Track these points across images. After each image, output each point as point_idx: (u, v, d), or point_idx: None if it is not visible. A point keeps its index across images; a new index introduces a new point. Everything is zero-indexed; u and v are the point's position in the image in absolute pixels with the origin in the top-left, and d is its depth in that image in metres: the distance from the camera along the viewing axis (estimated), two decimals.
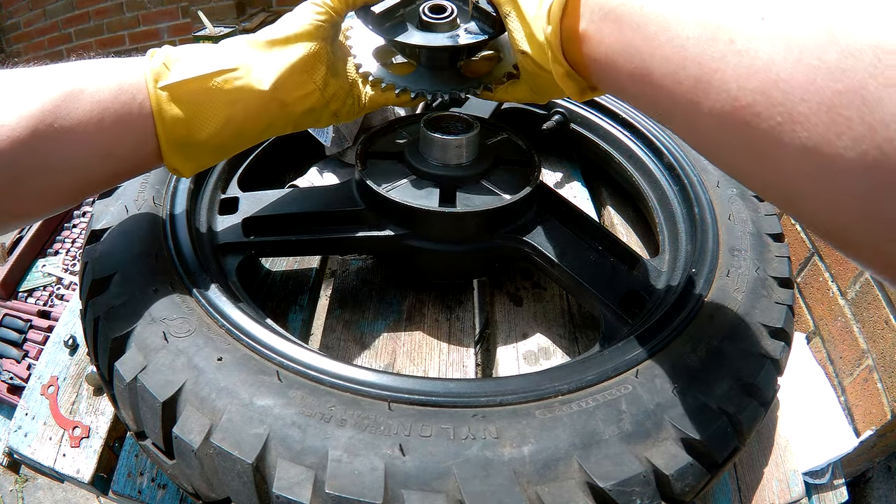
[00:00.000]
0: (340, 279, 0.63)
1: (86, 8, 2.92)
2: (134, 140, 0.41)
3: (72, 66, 0.40)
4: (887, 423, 0.70)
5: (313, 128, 0.49)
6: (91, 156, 0.40)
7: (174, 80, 0.40)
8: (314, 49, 0.44)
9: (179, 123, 0.41)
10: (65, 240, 1.44)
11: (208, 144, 0.43)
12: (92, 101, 0.38)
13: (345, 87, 0.49)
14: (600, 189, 0.79)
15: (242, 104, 0.42)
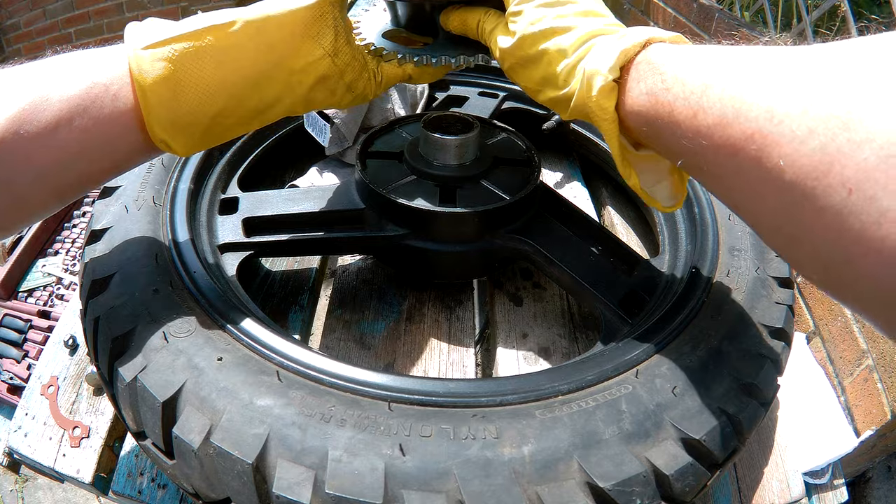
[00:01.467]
0: (340, 279, 0.63)
1: (86, 8, 2.92)
2: (109, 135, 0.37)
3: (42, 66, 0.37)
4: (887, 423, 0.70)
5: (331, 106, 0.46)
6: (62, 161, 0.37)
7: (157, 38, 0.36)
8: (318, 13, 0.40)
9: (163, 85, 0.36)
10: (65, 240, 1.44)
11: (202, 114, 0.38)
12: (60, 102, 0.35)
13: (359, 59, 0.44)
14: (600, 189, 0.79)
15: (236, 65, 0.38)
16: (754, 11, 1.34)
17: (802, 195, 0.25)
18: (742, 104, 0.28)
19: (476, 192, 0.53)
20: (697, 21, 1.43)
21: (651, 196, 0.41)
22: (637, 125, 0.36)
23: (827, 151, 0.23)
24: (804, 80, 0.26)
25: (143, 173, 0.54)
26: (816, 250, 0.26)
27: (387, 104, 0.72)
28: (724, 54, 0.31)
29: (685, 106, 0.31)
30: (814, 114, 0.24)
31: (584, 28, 0.38)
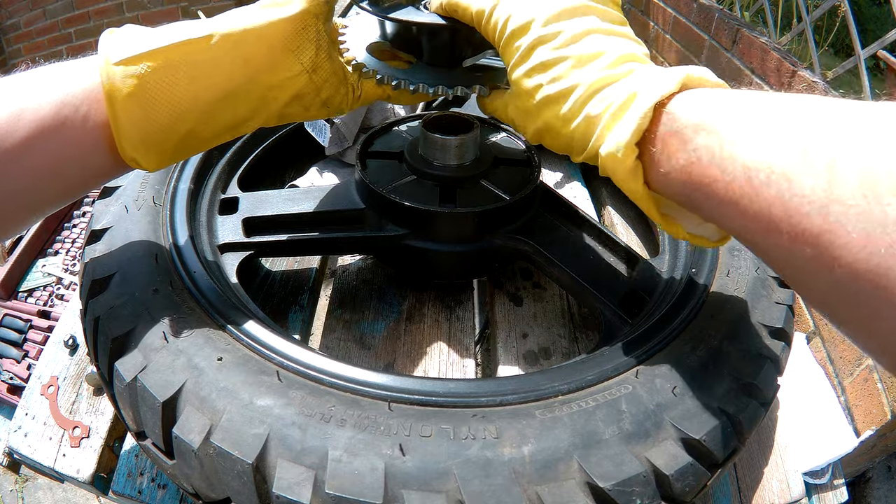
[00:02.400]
0: (340, 279, 0.63)
1: (86, 8, 2.92)
2: (79, 157, 0.37)
3: (17, 81, 0.36)
4: (887, 423, 0.70)
5: (304, 119, 0.45)
6: (37, 180, 0.36)
7: (130, 53, 0.35)
8: (300, 26, 0.39)
9: (134, 104, 0.35)
10: (65, 240, 1.44)
11: (173, 131, 0.37)
12: (32, 121, 0.35)
13: (339, 74, 0.43)
14: (600, 189, 0.79)
15: (210, 81, 0.37)
16: (754, 11, 1.34)
17: (858, 293, 0.24)
18: (792, 196, 0.25)
19: (476, 192, 0.53)
20: (697, 21, 1.43)
21: (699, 236, 0.38)
22: (670, 196, 0.34)
23: (885, 256, 0.22)
24: (858, 169, 0.23)
25: (143, 173, 0.54)
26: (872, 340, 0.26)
27: (387, 104, 0.72)
28: (764, 122, 0.28)
29: (727, 191, 0.29)
30: (872, 217, 0.23)
31: (584, 85, 0.36)
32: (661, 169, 0.33)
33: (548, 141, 0.41)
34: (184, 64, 0.36)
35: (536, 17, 0.37)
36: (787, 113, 0.28)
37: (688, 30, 1.48)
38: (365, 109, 0.70)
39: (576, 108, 0.36)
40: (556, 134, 0.39)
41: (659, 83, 0.33)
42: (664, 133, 0.32)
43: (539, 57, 0.37)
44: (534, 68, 0.37)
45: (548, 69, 0.37)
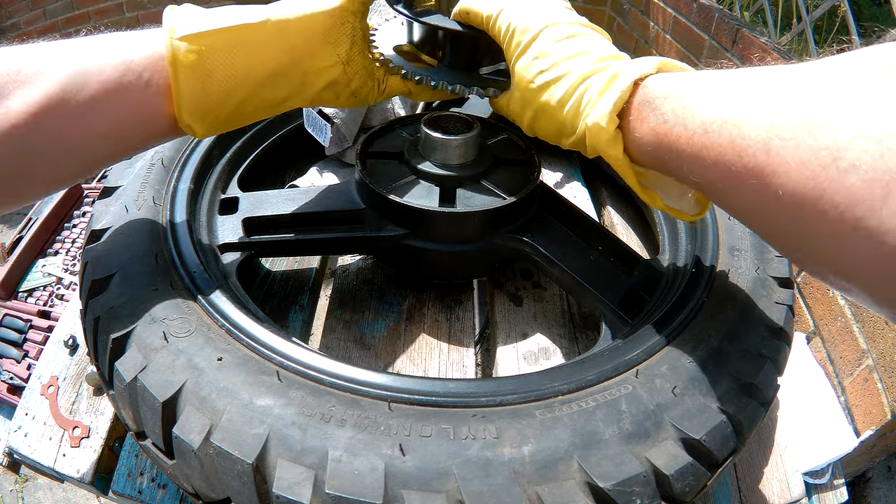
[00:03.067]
0: (340, 279, 0.63)
1: (86, 8, 2.93)
2: (139, 120, 0.40)
3: (80, 45, 0.39)
4: (887, 423, 0.70)
5: (334, 105, 0.50)
6: (95, 138, 0.40)
7: (194, 30, 0.39)
8: (339, 20, 0.44)
9: (194, 75, 0.40)
10: (65, 240, 1.44)
11: (226, 104, 0.42)
12: (97, 84, 0.38)
13: (368, 68, 0.48)
14: (600, 189, 0.79)
15: (261, 61, 0.42)
16: (754, 11, 1.34)
17: (801, 218, 0.27)
18: (741, 140, 0.30)
19: (476, 192, 0.53)
20: (697, 21, 1.43)
21: (678, 210, 0.42)
22: (647, 161, 0.38)
23: (818, 180, 0.26)
24: (794, 110, 0.28)
25: (143, 173, 0.55)
26: (818, 262, 0.29)
27: (387, 104, 0.71)
28: (719, 86, 0.33)
29: (688, 144, 0.33)
30: (805, 146, 0.26)
31: (575, 73, 0.41)
32: (635, 133, 0.37)
33: (542, 125, 0.46)
34: (240, 44, 0.41)
35: (535, 20, 0.44)
36: (739, 77, 0.33)
37: (688, 30, 1.48)
38: (365, 109, 0.70)
39: (569, 91, 0.41)
40: (551, 117, 0.44)
41: (639, 66, 0.38)
42: (639, 102, 0.37)
43: (537, 49, 0.43)
44: (534, 58, 0.43)
45: (544, 58, 0.43)
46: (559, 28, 0.43)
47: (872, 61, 0.26)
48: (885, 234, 0.24)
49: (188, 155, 0.58)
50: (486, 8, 0.47)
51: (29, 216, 1.48)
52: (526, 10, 0.45)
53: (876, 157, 0.24)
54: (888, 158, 0.23)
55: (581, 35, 0.43)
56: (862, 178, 0.24)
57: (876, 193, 0.24)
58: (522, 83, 0.44)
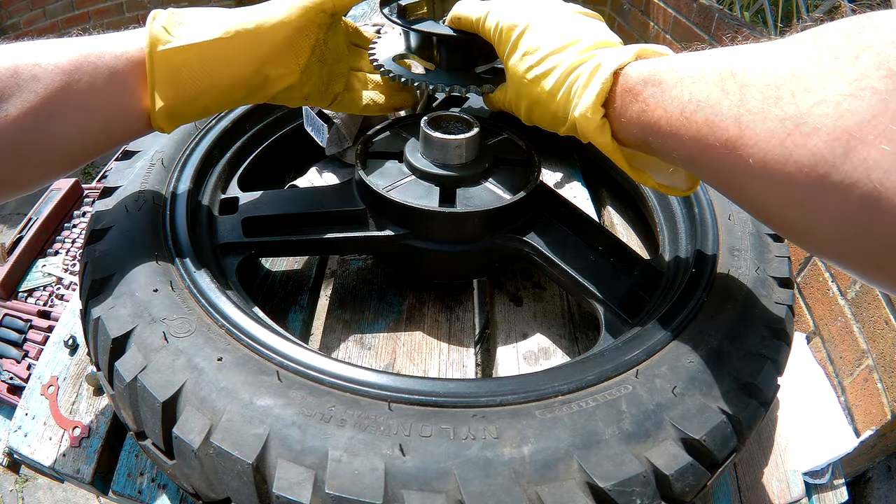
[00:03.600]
0: (340, 279, 0.63)
1: (86, 8, 2.92)
2: (124, 119, 0.45)
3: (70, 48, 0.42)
4: (887, 423, 0.70)
5: (287, 105, 0.54)
6: (86, 136, 0.44)
7: (172, 45, 0.43)
8: (305, 32, 0.48)
9: (170, 87, 0.44)
10: (65, 240, 1.44)
11: (192, 107, 0.46)
12: (87, 88, 0.42)
13: (322, 76, 0.52)
14: (600, 189, 0.79)
15: (230, 73, 0.46)
16: (754, 11, 1.34)
17: (771, 182, 0.30)
18: (714, 116, 0.32)
19: (476, 192, 0.53)
20: (697, 21, 1.43)
21: (670, 186, 0.45)
22: (633, 143, 0.41)
23: (785, 146, 0.28)
24: (761, 85, 0.30)
25: (143, 173, 0.55)
26: (791, 224, 0.31)
27: None
28: (693, 68, 0.35)
29: (668, 125, 0.36)
30: (772, 116, 0.29)
31: (562, 65, 0.43)
32: (622, 120, 0.39)
33: (536, 115, 0.48)
34: (212, 58, 0.45)
35: (521, 17, 0.46)
36: (711, 58, 0.35)
37: (688, 30, 1.48)
38: None
39: (558, 82, 0.43)
40: (544, 108, 0.46)
41: (618, 55, 0.40)
42: (621, 91, 0.39)
43: (526, 44, 0.45)
44: (524, 53, 0.46)
45: (533, 53, 0.45)
46: (545, 21, 0.46)
47: (828, 35, 0.29)
48: (849, 188, 0.26)
49: (188, 155, 0.58)
50: (475, 12, 0.50)
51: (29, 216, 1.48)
52: (511, 8, 0.47)
53: (835, 118, 0.26)
54: (847, 118, 0.26)
55: (568, 23, 0.45)
56: (823, 139, 0.26)
57: (837, 151, 0.26)
58: (516, 78, 0.47)
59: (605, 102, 0.40)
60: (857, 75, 0.26)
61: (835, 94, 0.26)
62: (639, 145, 0.40)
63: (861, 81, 0.26)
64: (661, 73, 0.37)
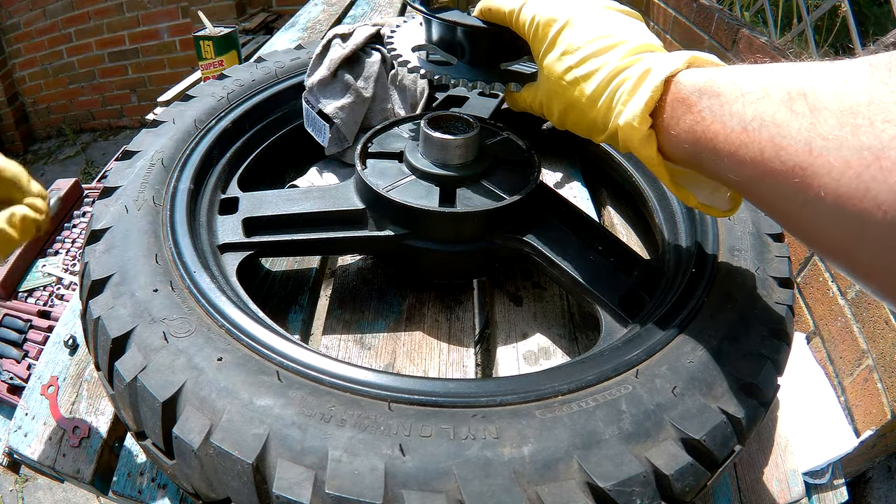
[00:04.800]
0: (340, 279, 0.63)
1: (86, 8, 2.92)
2: None
3: None
4: (887, 423, 0.70)
5: None
6: None
7: None
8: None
9: None
10: (65, 240, 1.44)
11: None
12: None
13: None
14: (600, 189, 0.79)
15: None
16: (754, 11, 1.34)
17: (843, 217, 0.27)
18: (781, 139, 0.30)
19: (476, 192, 0.53)
20: (697, 21, 1.43)
21: (710, 206, 0.42)
22: (682, 158, 0.38)
23: (862, 179, 0.26)
24: (835, 109, 0.28)
25: (143, 173, 0.54)
26: (859, 262, 0.29)
27: (387, 104, 0.71)
28: (756, 82, 0.32)
29: (726, 142, 0.33)
30: (848, 146, 0.26)
31: (606, 68, 0.40)
32: (671, 132, 0.37)
33: (572, 119, 0.45)
34: None
35: (560, 11, 0.43)
36: (775, 74, 0.32)
37: (688, 30, 1.48)
38: (365, 109, 0.70)
39: (601, 86, 0.40)
40: (582, 113, 0.43)
41: (669, 61, 0.37)
42: (672, 100, 0.36)
43: (565, 42, 0.42)
44: (563, 52, 0.42)
45: (573, 53, 0.42)
46: (586, 18, 0.42)
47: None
48: None
49: (188, 155, 0.58)
50: (509, 3, 0.46)
51: None
52: (549, 1, 0.44)
53: None
54: None
55: (610, 22, 0.42)
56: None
57: None
58: (552, 78, 0.44)
59: (653, 112, 0.37)
60: None
61: None
62: (687, 161, 0.37)
63: None
64: (719, 85, 0.34)
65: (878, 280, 0.28)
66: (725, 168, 0.34)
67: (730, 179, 0.34)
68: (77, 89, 3.19)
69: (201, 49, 1.06)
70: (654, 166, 0.39)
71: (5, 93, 3.10)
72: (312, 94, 0.68)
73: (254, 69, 0.73)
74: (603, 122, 0.41)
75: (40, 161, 3.11)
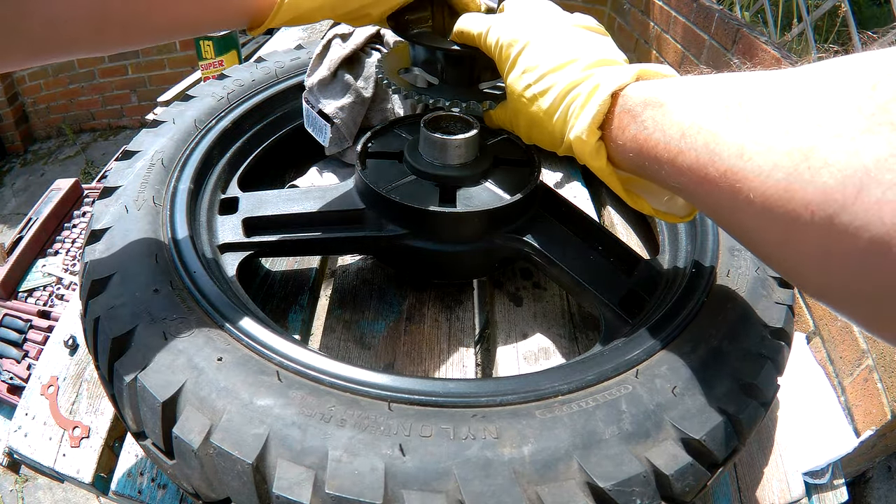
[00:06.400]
0: (340, 279, 0.63)
1: None
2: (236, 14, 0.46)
3: None
4: (887, 423, 0.70)
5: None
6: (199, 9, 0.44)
7: None
8: None
9: None
10: (65, 240, 1.44)
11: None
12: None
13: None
14: (600, 189, 0.79)
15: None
16: (754, 11, 1.34)
17: (772, 220, 0.28)
18: (715, 145, 0.30)
19: (476, 193, 0.53)
20: (697, 21, 1.43)
21: (666, 212, 0.43)
22: (630, 167, 0.39)
23: (790, 181, 0.26)
24: (768, 116, 0.28)
25: (143, 173, 0.54)
26: (790, 265, 0.29)
27: (387, 104, 0.72)
28: (697, 92, 0.34)
29: (666, 150, 0.34)
30: (778, 149, 0.27)
31: (559, 84, 0.42)
32: (618, 142, 0.38)
33: (535, 135, 0.47)
34: None
35: (521, 33, 0.45)
36: (716, 83, 0.33)
37: (688, 30, 1.48)
38: (365, 109, 0.70)
39: (556, 102, 0.42)
40: (542, 128, 0.45)
41: (617, 76, 0.39)
42: (619, 113, 0.38)
43: (525, 62, 0.44)
44: (523, 71, 0.44)
45: (531, 71, 0.44)
46: (545, 38, 0.44)
47: (842, 67, 0.27)
48: (858, 231, 0.23)
49: (188, 155, 0.58)
50: (477, 27, 0.49)
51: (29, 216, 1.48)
52: (512, 25, 0.46)
53: (849, 153, 0.24)
54: (861, 154, 0.23)
55: (569, 41, 0.44)
56: (835, 175, 0.24)
57: (848, 189, 0.23)
58: (514, 95, 0.46)
59: (602, 124, 0.39)
60: (875, 109, 0.24)
61: (849, 129, 0.24)
62: (635, 170, 0.39)
63: (879, 116, 0.23)
64: (663, 96, 0.35)
65: (811, 282, 0.28)
66: (666, 175, 0.35)
67: (672, 186, 0.35)
68: (77, 89, 3.19)
69: (201, 49, 1.06)
70: (606, 176, 0.41)
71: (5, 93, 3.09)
72: (312, 94, 0.68)
73: (254, 69, 0.73)
74: (560, 136, 0.43)
75: (40, 161, 3.11)
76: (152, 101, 2.01)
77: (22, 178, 2.97)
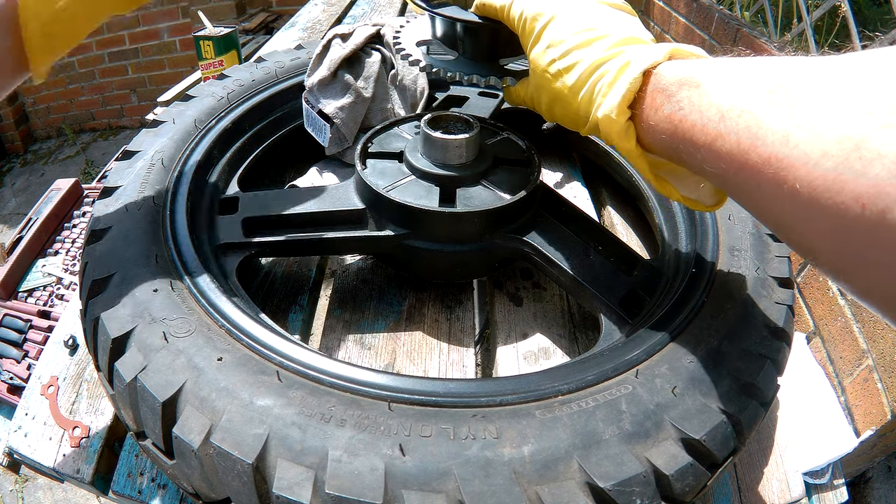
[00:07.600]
0: (340, 279, 0.63)
1: None
2: None
3: None
4: (887, 423, 0.70)
5: None
6: None
7: None
8: None
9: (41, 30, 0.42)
10: (65, 240, 1.44)
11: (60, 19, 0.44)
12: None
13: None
14: (600, 189, 0.79)
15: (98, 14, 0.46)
16: (754, 11, 1.34)
17: (819, 212, 0.26)
18: (759, 129, 0.29)
19: (476, 192, 0.53)
20: (697, 21, 1.43)
21: (694, 200, 0.42)
22: (661, 150, 0.37)
23: (839, 171, 0.24)
24: (815, 101, 0.27)
25: (143, 173, 0.55)
26: (835, 260, 0.27)
27: (387, 104, 0.72)
28: (736, 74, 0.32)
29: (703, 132, 0.32)
30: (827, 136, 0.25)
31: (587, 61, 0.40)
32: (650, 123, 0.36)
33: (558, 112, 0.46)
34: None
35: (547, 6, 0.44)
36: (756, 66, 0.31)
37: (688, 30, 1.48)
38: (365, 109, 0.70)
39: (582, 79, 0.41)
40: (566, 105, 0.43)
41: (650, 54, 0.37)
42: (652, 92, 0.36)
43: (550, 36, 0.43)
44: (547, 46, 0.43)
45: (557, 46, 0.42)
46: (571, 12, 0.43)
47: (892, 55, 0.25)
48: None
49: (188, 155, 0.58)
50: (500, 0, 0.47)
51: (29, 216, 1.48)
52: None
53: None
54: None
55: (596, 16, 0.42)
56: (888, 168, 0.23)
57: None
58: (538, 70, 0.44)
59: (633, 104, 0.37)
60: None
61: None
62: (666, 153, 0.37)
63: None
64: (699, 76, 0.34)
65: (857, 281, 0.27)
66: (702, 160, 0.33)
67: (707, 172, 0.34)
68: (77, 89, 3.19)
69: (201, 49, 1.06)
70: (634, 158, 0.39)
71: None
72: (312, 94, 0.68)
73: (254, 69, 0.73)
74: (585, 114, 0.42)
75: (40, 161, 3.11)
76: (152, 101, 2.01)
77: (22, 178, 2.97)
